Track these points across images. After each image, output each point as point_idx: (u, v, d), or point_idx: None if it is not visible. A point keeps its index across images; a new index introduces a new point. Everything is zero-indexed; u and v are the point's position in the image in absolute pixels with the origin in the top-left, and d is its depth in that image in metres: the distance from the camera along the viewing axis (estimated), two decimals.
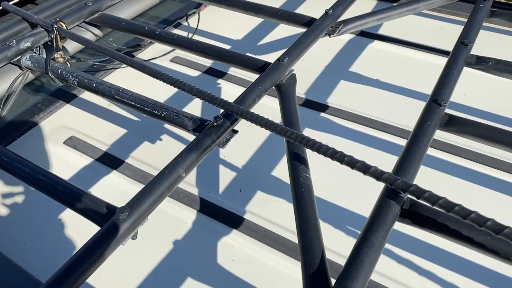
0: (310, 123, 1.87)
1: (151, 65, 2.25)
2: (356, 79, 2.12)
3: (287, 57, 1.52)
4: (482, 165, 1.61)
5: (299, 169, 1.18)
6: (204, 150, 1.20)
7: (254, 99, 1.38)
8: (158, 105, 1.38)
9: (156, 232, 1.45)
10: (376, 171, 1.00)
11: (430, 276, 1.29)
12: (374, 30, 2.45)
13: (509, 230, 0.86)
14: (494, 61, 1.53)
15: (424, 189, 0.95)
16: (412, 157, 1.14)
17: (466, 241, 0.99)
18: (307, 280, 0.93)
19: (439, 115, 1.28)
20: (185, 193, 1.56)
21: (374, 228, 0.96)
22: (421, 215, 1.03)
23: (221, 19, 2.63)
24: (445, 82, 1.39)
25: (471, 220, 0.89)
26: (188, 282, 1.31)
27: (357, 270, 0.89)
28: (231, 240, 1.41)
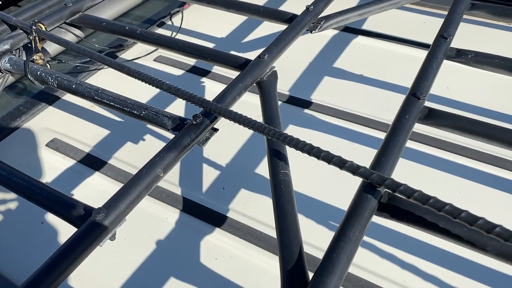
0: (294, 120, 1.87)
1: (134, 65, 2.25)
2: (340, 74, 2.12)
3: (267, 54, 1.52)
4: (465, 158, 1.62)
5: (279, 166, 1.18)
6: (183, 149, 1.19)
7: (234, 97, 1.38)
8: (137, 104, 1.37)
9: (139, 233, 1.44)
10: (352, 166, 1.00)
11: (412, 269, 1.29)
12: (358, 25, 2.45)
13: (483, 221, 0.86)
14: (474, 54, 1.53)
15: (399, 183, 0.96)
16: (390, 151, 1.14)
17: (443, 233, 0.99)
18: (285, 276, 0.93)
19: (418, 108, 1.28)
20: (168, 193, 1.55)
21: (351, 223, 0.96)
22: (399, 208, 1.03)
23: (205, 17, 2.62)
24: (424, 76, 1.40)
25: (446, 212, 0.90)
26: (171, 282, 1.31)
27: (334, 265, 0.89)
28: (214, 239, 1.41)
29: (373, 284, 1.26)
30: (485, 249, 0.96)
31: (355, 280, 1.27)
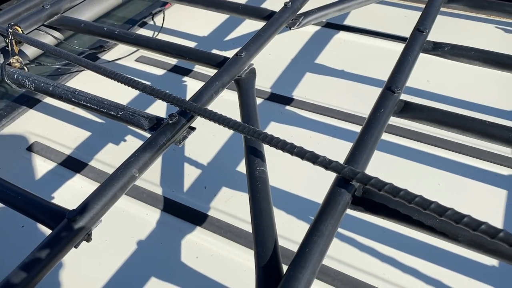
0: (276, 117, 1.87)
1: (115, 66, 2.24)
2: (321, 70, 2.13)
3: (245, 51, 1.52)
4: (444, 150, 1.63)
5: (255, 163, 1.18)
6: (159, 149, 1.19)
7: (211, 95, 1.38)
8: (114, 105, 1.37)
9: (120, 234, 1.44)
10: (324, 161, 1.01)
11: (392, 262, 1.30)
12: (340, 21, 2.46)
13: (451, 212, 0.87)
14: (450, 46, 1.54)
15: (370, 176, 0.96)
16: (364, 145, 1.14)
17: (417, 225, 1.00)
18: (259, 272, 0.94)
19: (393, 102, 1.29)
20: (148, 193, 1.55)
21: (324, 217, 0.97)
22: (373, 202, 1.03)
23: (187, 16, 2.61)
24: (400, 69, 1.40)
25: (416, 204, 0.90)
26: (152, 281, 1.31)
27: (306, 260, 0.89)
28: (195, 238, 1.41)
29: (353, 278, 1.27)
30: (457, 239, 0.97)
31: (334, 274, 1.27)
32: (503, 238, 0.82)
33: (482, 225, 0.84)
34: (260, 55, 2.25)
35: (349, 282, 1.25)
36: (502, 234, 0.82)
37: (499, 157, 1.58)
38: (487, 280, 1.25)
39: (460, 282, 1.25)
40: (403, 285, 1.25)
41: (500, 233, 0.82)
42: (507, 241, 0.82)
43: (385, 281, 1.26)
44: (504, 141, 1.19)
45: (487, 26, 2.37)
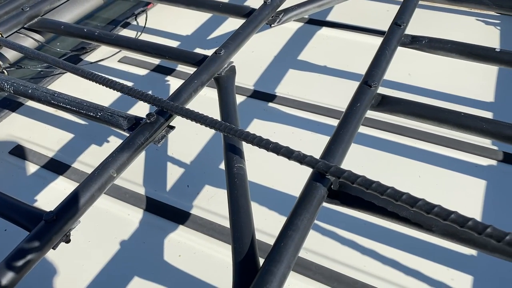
0: (259, 114, 1.88)
1: (98, 67, 2.24)
2: (304, 67, 2.14)
3: (223, 49, 1.52)
4: (424, 142, 1.65)
5: (233, 160, 1.19)
6: (137, 148, 1.19)
7: (190, 94, 1.38)
8: (93, 106, 1.37)
9: (103, 234, 1.44)
10: (299, 156, 1.02)
11: (372, 254, 1.32)
12: (323, 17, 2.47)
13: (422, 203, 0.88)
14: (427, 40, 1.56)
15: (343, 169, 0.97)
16: (340, 139, 1.16)
17: (392, 216, 1.01)
18: (236, 268, 0.94)
19: (369, 96, 1.30)
20: (131, 193, 1.55)
21: (299, 211, 0.98)
22: (349, 195, 1.04)
23: (170, 16, 2.61)
24: (377, 64, 1.42)
25: (388, 196, 0.92)
26: (135, 281, 1.31)
27: (281, 254, 0.90)
28: (177, 236, 1.42)
29: (333, 271, 1.28)
30: (432, 230, 0.98)
31: (315, 268, 1.29)
32: (472, 227, 0.83)
33: (452, 215, 0.85)
34: (243, 53, 2.26)
35: (330, 275, 1.27)
36: (471, 223, 0.83)
37: (478, 148, 1.60)
38: (466, 269, 1.27)
39: (439, 271, 1.26)
40: (382, 276, 1.26)
41: (469, 221, 0.83)
42: (476, 230, 0.83)
43: (365, 273, 1.27)
44: (478, 131, 1.21)
45: (468, 19, 2.39)
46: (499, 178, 1.51)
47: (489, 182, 1.50)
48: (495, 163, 1.56)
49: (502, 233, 0.81)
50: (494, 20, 2.35)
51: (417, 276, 1.26)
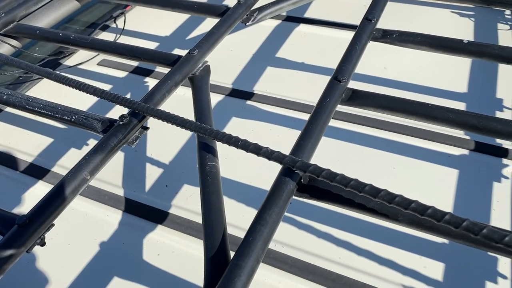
0: (237, 112, 1.90)
1: (77, 70, 2.24)
2: (282, 64, 2.16)
3: (197, 49, 1.54)
4: (398, 134, 1.68)
5: (206, 159, 1.20)
6: (110, 150, 1.20)
7: (164, 94, 1.39)
8: (67, 110, 1.37)
9: (83, 237, 1.46)
10: (267, 152, 1.04)
11: (347, 246, 1.34)
12: (300, 14, 2.49)
13: (384, 193, 0.91)
14: (398, 33, 1.58)
15: (309, 164, 0.99)
16: (309, 135, 1.17)
17: (360, 208, 1.03)
18: (207, 264, 0.96)
19: (339, 91, 1.32)
20: (110, 195, 1.57)
21: (268, 206, 1.00)
22: (318, 188, 1.06)
23: (149, 17, 2.62)
24: (347, 59, 1.44)
25: (352, 187, 0.94)
26: (115, 281, 1.32)
27: (249, 248, 0.92)
28: (156, 236, 1.43)
29: (309, 264, 1.30)
30: (398, 219, 1.00)
31: (291, 262, 1.31)
32: (431, 214, 0.86)
33: (412, 204, 0.88)
34: (221, 52, 2.29)
35: (305, 268, 1.29)
36: (430, 211, 0.86)
37: (451, 138, 1.63)
38: (438, 257, 1.30)
39: (412, 260, 1.29)
40: (357, 267, 1.29)
41: (428, 210, 0.86)
42: (435, 217, 0.85)
43: (340, 264, 1.30)
44: (446, 122, 1.23)
45: (444, 11, 2.43)
46: (471, 167, 1.55)
47: (462, 171, 1.53)
48: (467, 153, 1.59)
49: (459, 219, 0.84)
50: (469, 12, 2.39)
51: (390, 265, 1.28)
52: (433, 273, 1.26)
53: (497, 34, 2.22)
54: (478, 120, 1.21)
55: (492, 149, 1.58)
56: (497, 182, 1.48)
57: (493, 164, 1.54)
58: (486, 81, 1.92)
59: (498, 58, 1.46)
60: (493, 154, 1.57)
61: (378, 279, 1.25)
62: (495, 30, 2.24)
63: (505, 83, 1.88)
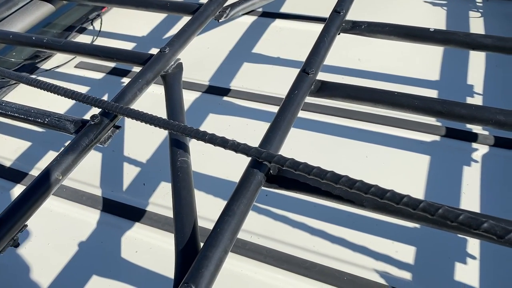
0: (214, 108, 1.91)
1: (54, 74, 2.24)
2: (259, 59, 2.18)
3: (168, 47, 1.55)
4: (370, 123, 1.70)
5: (177, 154, 1.22)
6: (82, 150, 1.21)
7: (135, 93, 1.40)
8: (40, 113, 1.38)
9: (61, 237, 1.47)
10: (233, 144, 1.06)
11: (321, 235, 1.37)
12: (276, 9, 2.51)
13: (345, 179, 0.93)
14: (366, 24, 1.60)
15: (273, 154, 1.02)
16: (277, 127, 1.20)
17: (326, 195, 1.05)
18: (177, 257, 0.98)
19: (308, 83, 1.34)
20: (88, 196, 1.58)
21: (237, 197, 1.02)
22: (286, 178, 1.09)
23: (126, 19, 2.62)
24: (316, 51, 1.46)
25: (314, 175, 0.96)
26: (93, 280, 1.34)
27: (217, 239, 0.94)
28: (134, 233, 1.45)
29: (283, 253, 1.32)
30: (363, 205, 1.02)
31: (266, 252, 1.33)
32: (390, 198, 0.88)
33: (372, 188, 0.90)
34: (199, 50, 2.30)
35: (280, 257, 1.31)
36: (389, 194, 0.88)
37: (423, 125, 1.66)
38: (409, 241, 1.32)
39: (384, 245, 1.32)
40: (331, 254, 1.31)
41: (387, 193, 0.89)
42: (394, 201, 0.88)
43: (315, 252, 1.32)
44: (411, 108, 1.26)
45: (416, 1, 2.46)
46: (442, 152, 1.58)
47: (433, 157, 1.56)
48: (438, 139, 1.62)
49: (416, 201, 0.86)
50: (441, 1, 2.42)
51: (364, 251, 1.31)
52: (404, 257, 1.29)
53: (468, 21, 2.25)
54: (443, 105, 1.24)
55: (462, 134, 1.62)
56: (467, 166, 1.52)
57: (463, 148, 1.57)
58: (457, 68, 1.95)
59: (463, 44, 1.49)
60: (464, 139, 1.60)
61: (352, 265, 1.28)
62: (467, 18, 2.28)
63: (476, 69, 1.92)
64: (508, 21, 2.24)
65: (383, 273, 1.25)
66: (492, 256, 1.27)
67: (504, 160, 1.52)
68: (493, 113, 1.19)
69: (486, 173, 1.49)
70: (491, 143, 1.57)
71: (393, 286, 1.21)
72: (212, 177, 1.60)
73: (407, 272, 1.25)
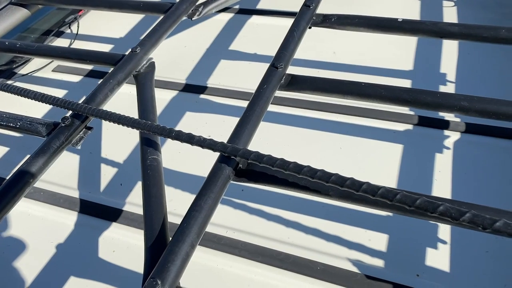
0: (191, 106, 1.92)
1: (32, 78, 2.24)
2: (235, 56, 2.19)
3: (139, 47, 1.56)
4: (344, 115, 1.72)
5: (147, 153, 1.23)
6: (53, 152, 1.22)
7: (106, 94, 1.41)
8: (12, 117, 1.38)
9: (39, 241, 1.47)
10: (199, 140, 1.07)
11: (295, 226, 1.38)
12: (253, 6, 2.52)
13: (307, 169, 0.94)
14: (336, 17, 1.62)
15: (238, 148, 1.03)
16: (246, 121, 1.21)
17: (294, 187, 1.07)
18: (147, 253, 0.99)
19: (277, 77, 1.36)
20: (65, 198, 1.58)
21: (204, 192, 1.03)
22: (255, 172, 1.10)
23: (103, 21, 2.62)
24: (285, 46, 1.48)
25: (278, 167, 0.98)
26: (71, 281, 1.34)
27: (184, 234, 0.95)
28: (111, 233, 1.45)
29: (258, 246, 1.34)
30: (329, 194, 1.04)
31: (241, 246, 1.34)
32: (350, 185, 0.90)
33: (332, 177, 0.92)
34: (176, 49, 2.31)
35: (255, 250, 1.33)
36: (348, 182, 0.90)
37: (395, 115, 1.68)
38: (381, 229, 1.34)
39: (357, 234, 1.34)
40: (305, 245, 1.33)
41: (347, 181, 0.90)
42: (354, 188, 0.90)
43: (289, 244, 1.34)
44: (378, 98, 1.28)
45: None
46: (415, 141, 1.60)
47: (406, 146, 1.58)
48: (411, 128, 1.64)
49: (375, 187, 0.88)
50: None
51: (337, 241, 1.33)
52: (377, 245, 1.31)
53: (442, 11, 2.28)
54: (409, 94, 1.26)
55: (434, 122, 1.64)
56: (439, 153, 1.54)
57: (435, 136, 1.59)
58: (431, 58, 1.98)
59: (431, 33, 1.51)
60: (436, 126, 1.62)
61: (325, 255, 1.29)
62: (440, 7, 2.31)
63: (448, 58, 1.94)
64: (482, 10, 2.27)
65: (355, 261, 1.27)
66: (462, 240, 1.29)
67: (475, 146, 1.55)
68: (457, 99, 1.21)
69: (458, 159, 1.51)
70: (462, 130, 1.60)
71: (365, 273, 1.23)
72: (187, 175, 1.61)
73: (380, 259, 1.27)
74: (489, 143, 1.54)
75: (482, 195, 1.40)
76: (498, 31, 1.44)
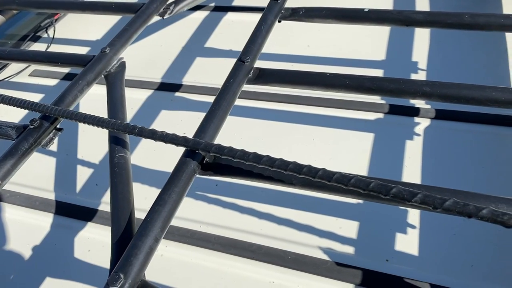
0: (166, 105, 1.93)
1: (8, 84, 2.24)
2: (211, 53, 2.20)
3: (109, 47, 1.56)
4: (315, 107, 1.74)
5: (115, 151, 1.24)
6: (22, 154, 1.22)
7: (76, 95, 1.42)
8: None
9: (15, 243, 1.48)
10: (162, 135, 1.08)
11: (268, 217, 1.40)
12: (228, 3, 2.53)
13: (266, 159, 0.96)
14: (304, 10, 1.63)
15: (200, 141, 1.04)
16: (213, 116, 1.22)
17: (259, 177, 1.08)
18: (113, 248, 1.01)
19: (244, 71, 1.37)
20: (41, 200, 1.59)
21: (168, 187, 1.04)
22: (220, 165, 1.11)
23: (80, 24, 2.62)
24: (253, 40, 1.49)
25: (239, 158, 0.99)
26: (47, 282, 1.35)
27: (147, 228, 0.96)
28: (87, 233, 1.46)
29: (231, 239, 1.35)
30: (293, 183, 1.05)
31: (214, 239, 1.36)
32: (306, 172, 0.91)
33: (290, 165, 0.93)
34: (151, 48, 2.32)
35: (228, 243, 1.34)
36: (305, 169, 0.91)
37: (366, 105, 1.70)
38: (352, 217, 1.36)
39: (328, 223, 1.36)
40: (277, 236, 1.34)
41: (303, 168, 0.92)
42: (310, 175, 0.91)
43: (261, 235, 1.35)
44: (344, 88, 1.29)
45: None
46: (386, 129, 1.62)
47: (377, 134, 1.60)
48: (382, 116, 1.66)
49: (330, 173, 0.89)
50: None
51: (309, 230, 1.34)
52: (348, 233, 1.32)
53: (415, 1, 2.30)
54: (372, 82, 1.27)
55: (405, 109, 1.66)
56: (410, 140, 1.56)
57: (406, 123, 1.61)
58: (403, 47, 1.99)
59: (397, 22, 1.52)
60: (406, 114, 1.64)
61: (297, 245, 1.31)
62: None
63: (420, 46, 1.96)
64: None
65: (326, 249, 1.29)
66: (430, 224, 1.31)
67: (444, 131, 1.57)
68: (419, 85, 1.23)
69: (427, 145, 1.53)
70: (432, 116, 1.62)
71: (335, 261, 1.25)
72: (162, 172, 1.62)
73: (350, 246, 1.29)
74: (458, 128, 1.56)
75: (451, 178, 1.42)
76: (462, 17, 1.45)
